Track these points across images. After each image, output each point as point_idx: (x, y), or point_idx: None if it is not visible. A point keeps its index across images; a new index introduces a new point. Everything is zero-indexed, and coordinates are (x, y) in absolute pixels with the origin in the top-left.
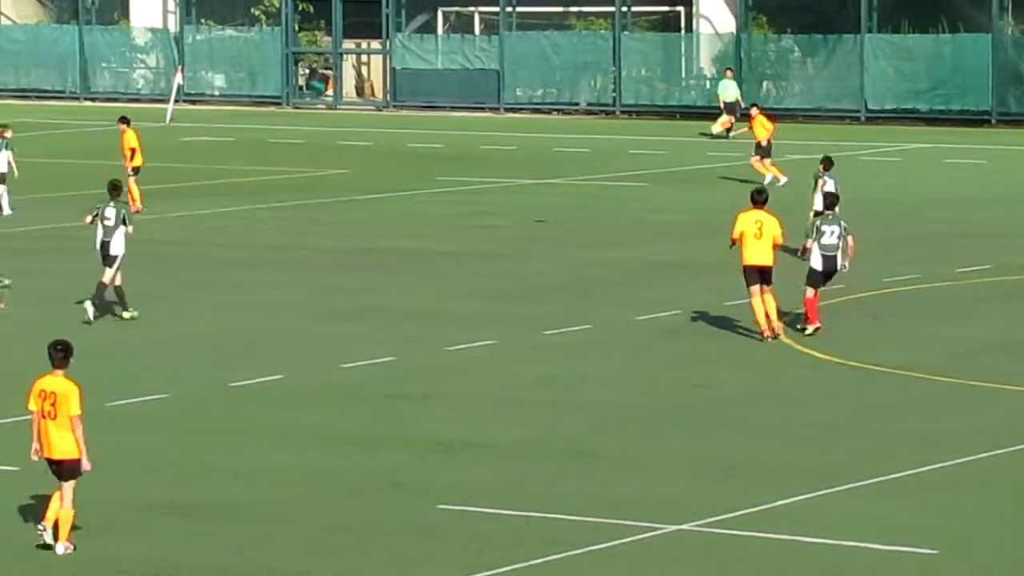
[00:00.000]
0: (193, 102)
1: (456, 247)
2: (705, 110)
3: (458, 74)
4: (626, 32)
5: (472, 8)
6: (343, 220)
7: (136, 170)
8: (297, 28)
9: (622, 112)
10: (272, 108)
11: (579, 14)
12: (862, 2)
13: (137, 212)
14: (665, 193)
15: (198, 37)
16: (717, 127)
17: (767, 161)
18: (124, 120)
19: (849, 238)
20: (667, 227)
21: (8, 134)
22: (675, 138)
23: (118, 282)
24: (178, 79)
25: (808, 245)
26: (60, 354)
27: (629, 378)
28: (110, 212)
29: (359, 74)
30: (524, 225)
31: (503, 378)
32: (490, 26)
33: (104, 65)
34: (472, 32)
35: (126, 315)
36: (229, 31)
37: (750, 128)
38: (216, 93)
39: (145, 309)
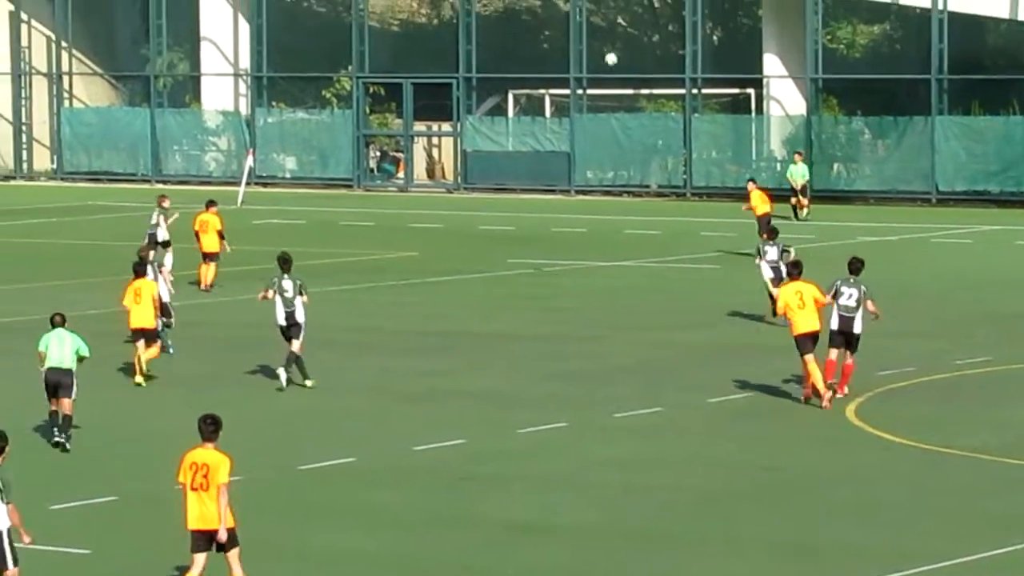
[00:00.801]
0: (264, 184)
1: (527, 329)
2: (776, 192)
3: (529, 156)
4: (696, 114)
5: (543, 91)
6: (414, 302)
7: (210, 256)
8: (368, 111)
9: (693, 194)
10: (343, 190)
11: (649, 96)
12: (933, 84)
13: (206, 290)
14: (736, 274)
15: (269, 120)
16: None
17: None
18: (211, 204)
19: (868, 302)
20: (738, 309)
21: (166, 203)
22: (746, 220)
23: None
24: (249, 161)
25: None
26: (211, 427)
27: (700, 460)
28: (287, 284)
29: (430, 156)
30: (596, 307)
31: (574, 460)
32: (560, 108)
33: (176, 148)
34: (543, 114)
35: (308, 383)
36: (300, 114)
37: (748, 206)
38: (287, 175)
39: (216, 392)
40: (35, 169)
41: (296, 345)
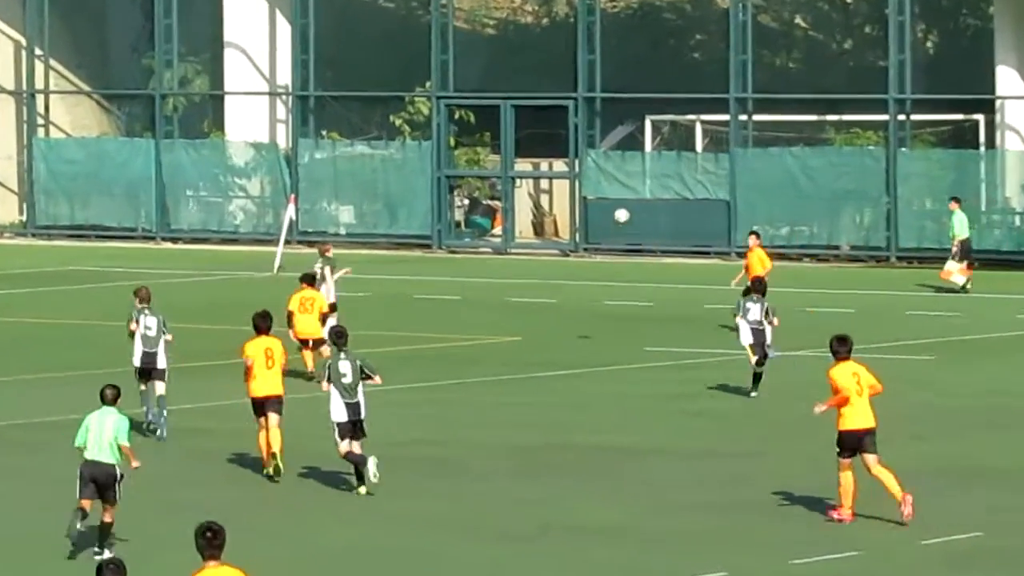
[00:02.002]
0: (311, 244)
1: (666, 442)
2: (1014, 257)
3: (673, 206)
4: (904, 149)
5: (692, 116)
6: (513, 404)
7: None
8: (453, 143)
9: (899, 258)
10: (419, 252)
11: (839, 125)
12: None
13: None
14: (955, 369)
15: (317, 155)
16: (958, 276)
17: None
18: (309, 280)
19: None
20: (957, 416)
21: (330, 251)
22: (972, 294)
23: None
24: (290, 212)
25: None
26: (215, 542)
27: None
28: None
29: (537, 206)
30: (760, 412)
31: None
32: (717, 140)
33: (190, 194)
34: (692, 148)
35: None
36: (360, 147)
37: (746, 268)
38: (342, 231)
39: (250, 521)
40: None
41: (356, 447)
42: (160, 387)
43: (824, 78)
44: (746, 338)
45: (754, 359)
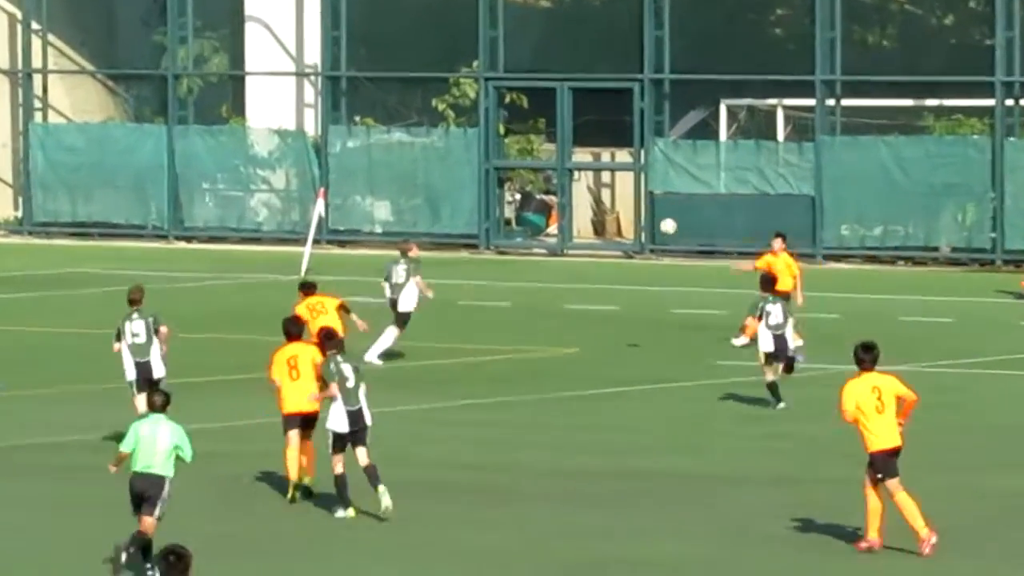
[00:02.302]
0: (342, 243)
1: (737, 467)
2: None
3: (751, 202)
4: (1012, 138)
5: (773, 100)
6: (571, 425)
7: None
8: (503, 131)
9: (1005, 262)
10: (464, 253)
11: (939, 110)
12: None
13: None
14: None
15: (350, 144)
16: None
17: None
18: (308, 288)
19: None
20: None
21: (414, 251)
22: None
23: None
24: (319, 208)
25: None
26: (179, 565)
27: None
28: (346, 369)
29: (597, 202)
30: (848, 433)
31: None
32: (801, 128)
33: (206, 186)
34: (773, 137)
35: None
36: (398, 134)
37: (767, 267)
38: (377, 229)
39: (281, 556)
40: None
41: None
42: None
43: (922, 58)
44: (766, 345)
45: (772, 370)
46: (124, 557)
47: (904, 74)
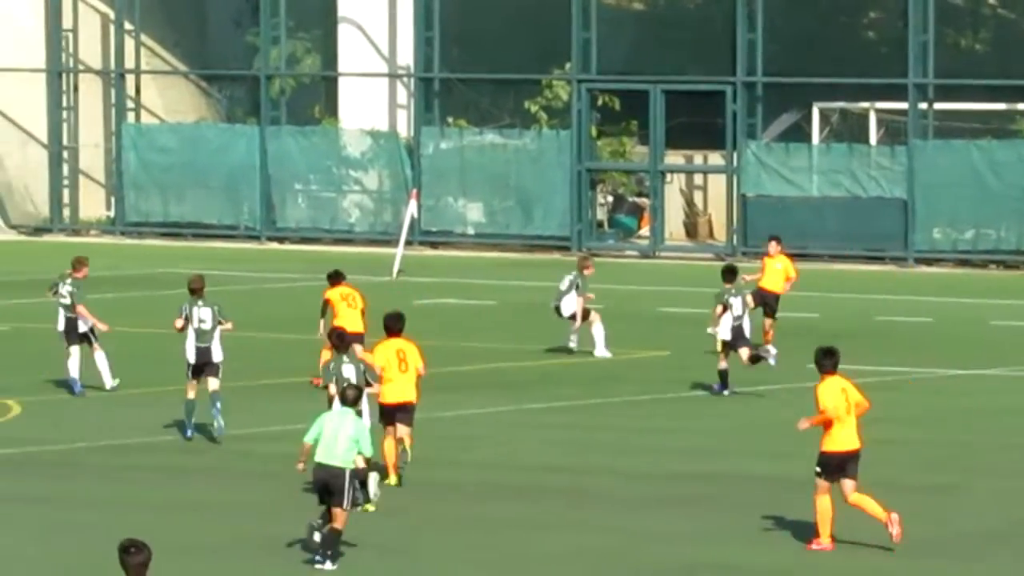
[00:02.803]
0: (434, 245)
1: None
2: None
3: (844, 205)
4: None
5: (865, 104)
6: (662, 428)
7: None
8: (595, 133)
9: None
10: (556, 255)
11: None
12: None
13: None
14: None
15: (443, 145)
16: None
17: (768, 322)
18: (337, 278)
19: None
20: None
21: (589, 270)
22: None
23: None
24: (411, 210)
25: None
26: (138, 557)
27: None
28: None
29: (690, 204)
30: (944, 439)
31: None
32: (893, 131)
33: (299, 187)
34: (866, 140)
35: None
36: (490, 136)
37: (760, 274)
38: (470, 231)
39: (360, 563)
40: (82, 218)
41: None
42: (214, 383)
43: (1015, 62)
44: (725, 333)
45: (726, 358)
46: (316, 537)
47: (997, 78)
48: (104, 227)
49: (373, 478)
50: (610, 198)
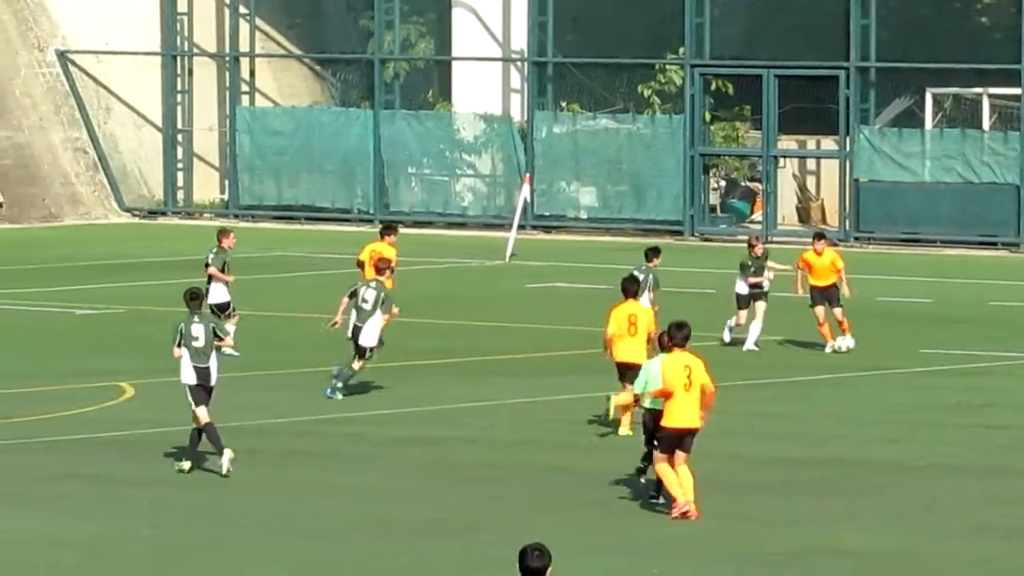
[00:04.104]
0: (547, 229)
1: (946, 457)
2: None
3: (957, 191)
4: None
5: (978, 89)
6: (773, 413)
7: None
8: (708, 117)
9: None
10: (668, 239)
11: None
12: None
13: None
14: None
15: (556, 129)
16: None
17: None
18: (391, 230)
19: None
20: None
21: (759, 248)
22: None
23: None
24: (525, 193)
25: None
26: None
27: None
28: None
29: (802, 189)
30: None
31: None
32: (1006, 117)
33: (412, 171)
34: (979, 126)
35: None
36: (603, 120)
37: (803, 265)
38: (583, 215)
39: (484, 545)
40: (195, 201)
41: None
42: (358, 364)
43: None
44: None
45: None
46: (642, 478)
47: None
48: (217, 210)
49: (228, 455)
50: (723, 183)
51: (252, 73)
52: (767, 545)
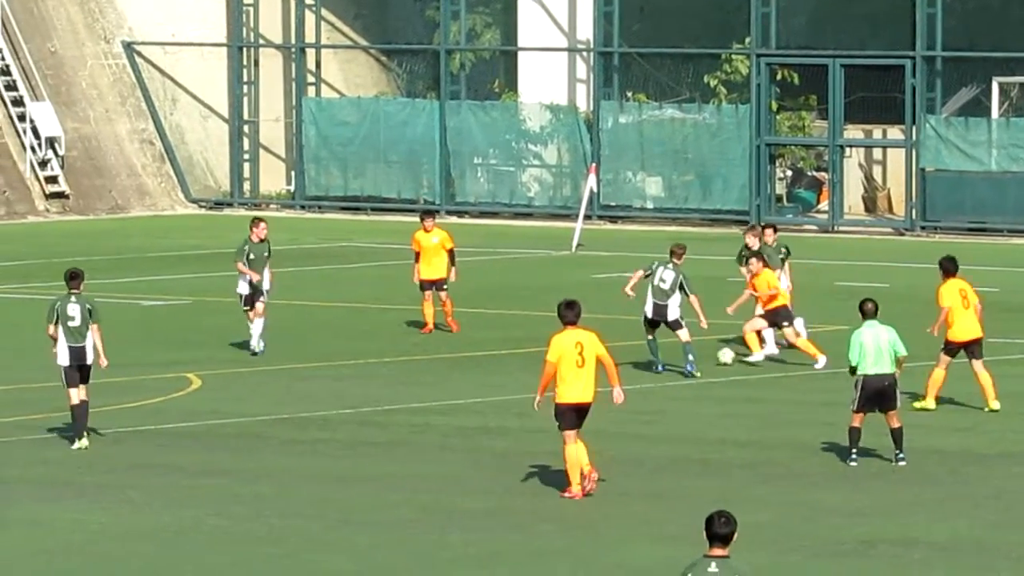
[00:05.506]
0: (614, 219)
1: (1020, 445)
2: None
3: (1022, 180)
4: None
5: None
6: (842, 402)
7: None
8: (775, 107)
9: None
10: (734, 229)
11: None
12: None
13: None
14: None
15: (622, 119)
16: None
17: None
18: (429, 214)
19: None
20: None
21: (772, 240)
22: None
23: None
24: (591, 183)
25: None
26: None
27: None
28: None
29: (869, 178)
30: None
31: None
32: None
33: (478, 162)
34: None
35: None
36: (670, 110)
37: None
38: (649, 205)
39: (541, 535)
40: (262, 191)
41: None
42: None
43: None
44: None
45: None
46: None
47: None
48: (284, 201)
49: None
50: (789, 172)
51: (318, 64)
52: (835, 536)
